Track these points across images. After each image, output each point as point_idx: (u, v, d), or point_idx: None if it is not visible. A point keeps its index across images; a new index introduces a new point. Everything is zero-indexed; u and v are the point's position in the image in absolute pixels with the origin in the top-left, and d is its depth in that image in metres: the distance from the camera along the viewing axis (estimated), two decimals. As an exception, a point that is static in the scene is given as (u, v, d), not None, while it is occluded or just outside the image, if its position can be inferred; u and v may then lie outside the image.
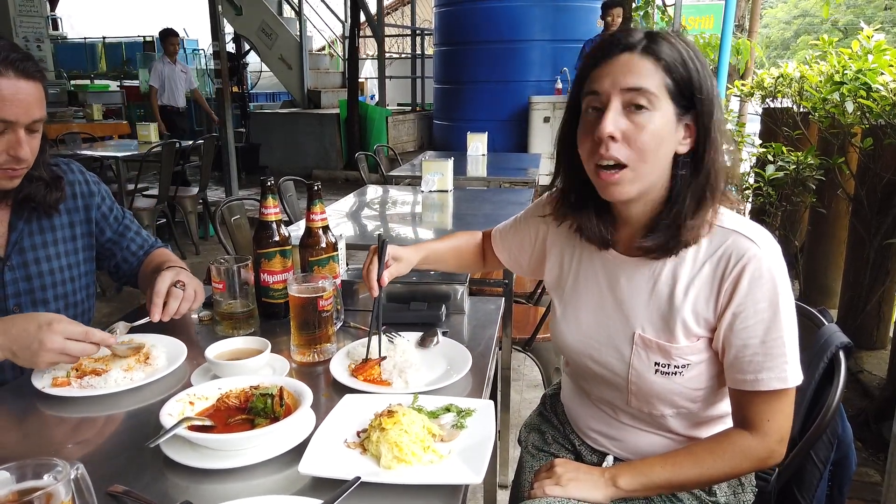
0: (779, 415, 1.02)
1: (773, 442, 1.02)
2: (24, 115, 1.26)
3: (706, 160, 1.00)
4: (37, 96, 1.28)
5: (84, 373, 1.19)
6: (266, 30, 10.00)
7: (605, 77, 0.99)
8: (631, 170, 0.99)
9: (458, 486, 0.89)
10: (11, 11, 8.25)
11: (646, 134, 0.97)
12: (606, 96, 0.98)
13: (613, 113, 0.98)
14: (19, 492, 0.68)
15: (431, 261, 1.40)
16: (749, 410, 1.03)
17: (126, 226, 1.62)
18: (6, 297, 1.39)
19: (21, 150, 1.27)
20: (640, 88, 0.97)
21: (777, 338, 0.99)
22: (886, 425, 2.41)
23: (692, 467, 1.04)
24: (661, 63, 0.97)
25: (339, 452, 0.96)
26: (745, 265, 0.99)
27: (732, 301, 1.00)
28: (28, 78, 1.26)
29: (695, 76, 0.98)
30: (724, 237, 1.02)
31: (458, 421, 1.02)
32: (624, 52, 0.98)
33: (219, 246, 2.63)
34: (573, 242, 1.20)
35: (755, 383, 1.00)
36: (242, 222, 2.76)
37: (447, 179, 3.31)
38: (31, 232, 1.43)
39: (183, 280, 1.38)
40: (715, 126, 1.00)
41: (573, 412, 1.28)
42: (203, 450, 0.95)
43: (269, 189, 1.43)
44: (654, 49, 0.98)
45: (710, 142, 1.00)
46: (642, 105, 0.97)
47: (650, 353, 1.07)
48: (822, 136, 3.30)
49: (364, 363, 1.21)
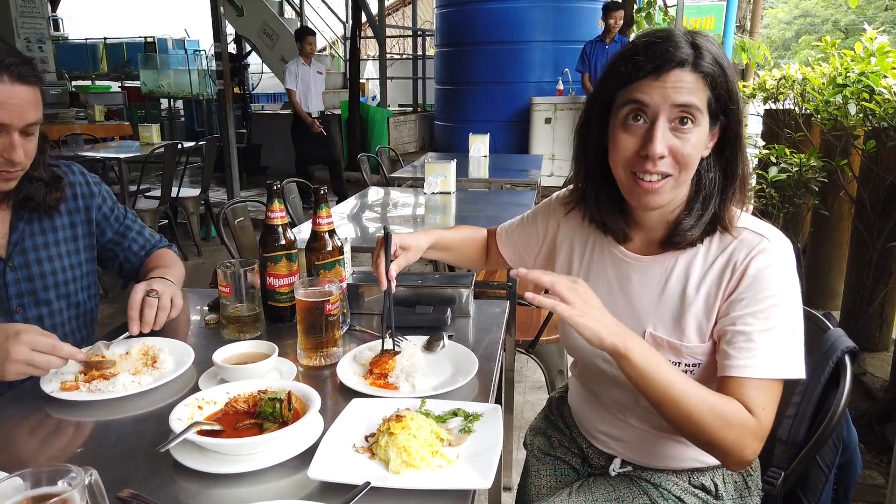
0: (771, 406, 0.98)
1: (762, 432, 0.96)
2: (18, 119, 1.26)
3: (738, 163, 1.04)
4: (32, 100, 1.29)
5: (92, 377, 1.19)
6: (267, 30, 10.00)
7: (654, 90, 0.97)
8: (673, 179, 1.01)
9: (466, 491, 0.89)
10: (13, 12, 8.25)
11: (690, 147, 0.99)
12: (655, 111, 0.98)
13: (663, 130, 0.98)
14: (34, 498, 0.68)
15: (440, 248, 1.40)
16: (743, 397, 0.97)
17: (127, 226, 1.62)
18: (9, 297, 1.40)
19: (15, 154, 1.28)
20: (690, 105, 0.97)
21: (773, 328, 0.98)
22: (890, 427, 2.41)
23: (694, 391, 0.96)
24: (708, 79, 0.98)
25: (347, 457, 0.96)
26: (753, 256, 1.01)
27: (737, 289, 1.01)
28: (23, 82, 1.26)
29: (731, 87, 1.00)
30: (735, 234, 1.04)
31: (466, 425, 1.03)
32: (676, 68, 0.97)
33: (221, 247, 2.63)
34: (583, 242, 1.21)
35: (747, 369, 0.97)
36: (246, 224, 2.76)
37: (450, 181, 3.32)
38: (33, 232, 1.44)
39: (156, 289, 1.37)
40: (742, 129, 1.03)
41: (581, 414, 1.29)
42: (212, 454, 0.95)
43: (275, 193, 1.44)
44: (701, 64, 0.97)
45: (739, 146, 1.03)
46: (687, 120, 0.98)
47: (662, 351, 1.07)
48: (825, 139, 3.30)
49: (379, 357, 1.22)
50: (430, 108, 10.71)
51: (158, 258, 1.62)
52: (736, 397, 0.97)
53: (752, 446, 0.96)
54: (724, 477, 1.16)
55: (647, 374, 0.96)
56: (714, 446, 0.97)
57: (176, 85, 11.71)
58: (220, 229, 2.63)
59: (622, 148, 1.02)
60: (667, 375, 0.96)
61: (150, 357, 1.26)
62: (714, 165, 1.05)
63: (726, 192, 1.04)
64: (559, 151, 7.63)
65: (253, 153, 9.11)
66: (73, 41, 14.62)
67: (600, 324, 0.96)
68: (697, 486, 1.15)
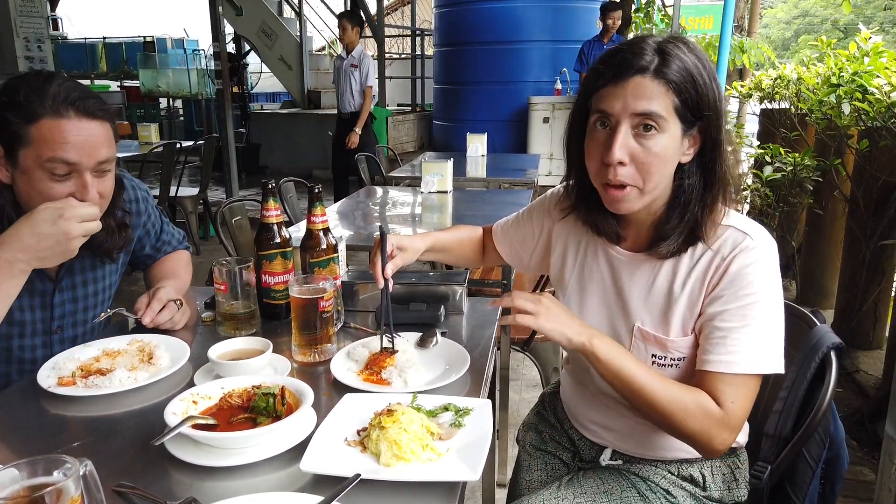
0: (742, 401, 1.00)
1: (731, 424, 1.00)
2: (88, 158, 1.20)
3: (716, 170, 1.02)
4: (102, 136, 1.23)
5: (89, 372, 1.21)
6: (266, 30, 10.01)
7: (615, 99, 0.99)
8: (637, 188, 1.02)
9: (455, 483, 0.91)
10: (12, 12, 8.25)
11: (653, 156, 0.99)
12: (616, 118, 0.99)
13: (622, 137, 0.99)
14: (30, 488, 0.70)
15: (436, 250, 1.42)
16: (714, 391, 1.00)
17: (165, 241, 1.65)
18: (53, 318, 1.39)
19: (88, 195, 1.21)
20: (650, 113, 0.97)
21: (749, 325, 1.00)
22: (881, 424, 2.42)
23: (657, 383, 1.01)
24: (672, 86, 0.98)
25: (339, 450, 0.98)
26: (735, 255, 1.02)
27: (718, 285, 1.03)
28: (91, 117, 1.21)
29: (703, 92, 0.99)
30: (720, 232, 1.05)
31: (457, 420, 1.04)
32: (636, 75, 0.98)
33: (219, 246, 2.64)
34: (578, 238, 1.23)
35: (719, 364, 1.00)
36: (243, 223, 2.77)
37: (447, 180, 3.33)
38: (82, 255, 1.35)
39: (182, 300, 1.46)
40: (722, 135, 1.01)
41: (573, 407, 1.31)
42: (207, 448, 0.97)
43: (270, 191, 1.45)
44: (665, 71, 0.97)
45: (718, 152, 1.02)
46: (651, 127, 0.98)
47: (648, 345, 1.10)
48: (819, 138, 3.32)
49: (378, 355, 1.24)
50: (429, 107, 10.72)
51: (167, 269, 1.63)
52: (708, 391, 1.01)
53: (721, 436, 1.00)
54: (712, 469, 1.18)
55: (611, 366, 1.03)
56: (681, 434, 1.03)
57: (175, 84, 11.72)
58: (218, 228, 2.65)
59: (589, 155, 1.05)
60: (630, 369, 1.02)
61: (147, 353, 1.28)
62: (696, 171, 1.04)
63: (705, 197, 1.03)
64: (557, 151, 7.64)
65: (252, 153, 9.12)
66: (73, 41, 14.63)
67: (566, 326, 1.04)
68: (686, 479, 1.17)
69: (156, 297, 1.41)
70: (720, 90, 1.03)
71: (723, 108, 1.03)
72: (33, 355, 1.38)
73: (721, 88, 1.03)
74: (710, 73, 1.01)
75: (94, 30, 23.99)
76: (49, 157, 1.18)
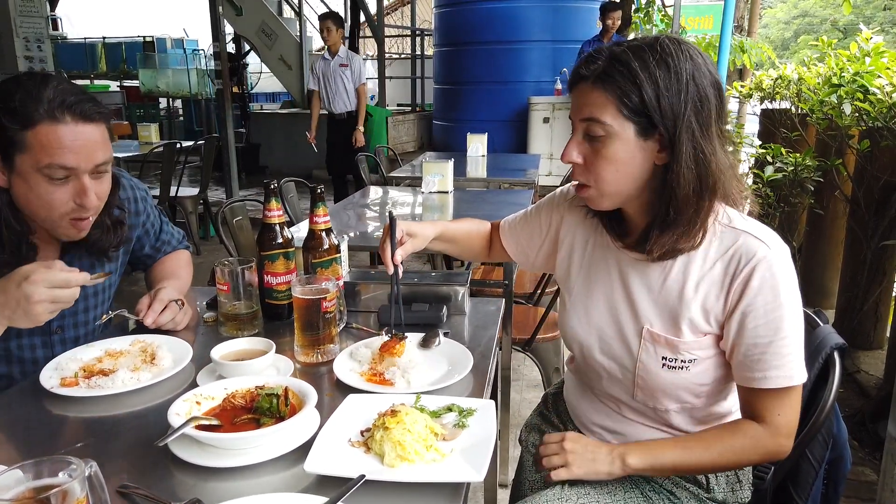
0: (788, 409, 1.04)
1: (782, 436, 1.05)
2: (86, 161, 1.20)
3: (675, 172, 0.99)
4: (99, 139, 1.22)
5: (92, 373, 1.21)
6: (266, 30, 10.00)
7: (572, 105, 1.07)
8: (594, 189, 1.07)
9: (460, 484, 0.91)
10: (12, 12, 8.24)
11: (601, 158, 1.03)
12: (573, 123, 1.05)
13: (574, 140, 1.05)
14: (35, 489, 0.70)
15: (445, 239, 1.43)
16: (759, 406, 1.05)
17: (164, 241, 1.65)
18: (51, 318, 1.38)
19: (87, 199, 1.21)
20: (593, 119, 1.01)
21: (785, 337, 1.01)
22: (882, 425, 2.42)
23: (702, 452, 1.07)
24: (615, 92, 0.98)
25: (343, 451, 0.98)
26: (755, 266, 1.01)
27: (742, 300, 1.02)
28: (87, 120, 1.20)
29: (652, 97, 0.96)
30: (734, 237, 1.04)
31: (460, 420, 1.04)
32: (580, 83, 1.03)
33: (219, 246, 2.65)
34: (586, 236, 1.23)
35: (764, 381, 1.03)
36: (244, 223, 2.77)
37: (447, 180, 3.33)
38: (81, 256, 1.39)
39: (183, 300, 1.47)
40: (686, 137, 0.98)
41: (577, 408, 1.30)
42: (210, 449, 0.97)
43: (272, 192, 1.45)
44: (606, 78, 0.98)
45: (677, 155, 0.98)
46: (596, 131, 1.01)
47: (658, 347, 1.09)
48: (820, 138, 3.31)
49: (388, 342, 1.25)
50: (429, 107, 10.72)
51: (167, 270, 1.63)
52: (753, 405, 1.06)
53: (779, 446, 1.05)
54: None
55: (656, 469, 1.09)
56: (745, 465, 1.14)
57: (175, 84, 11.72)
58: (219, 228, 2.65)
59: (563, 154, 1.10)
60: (673, 459, 1.07)
61: (149, 354, 1.28)
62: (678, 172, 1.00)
63: (691, 199, 1.00)
64: (557, 151, 7.64)
65: (252, 153, 9.13)
66: (72, 41, 14.62)
67: (597, 462, 1.09)
68: (689, 480, 1.17)
69: (157, 298, 1.42)
70: (703, 91, 0.98)
71: (697, 109, 0.98)
72: (33, 355, 1.38)
73: (705, 90, 0.99)
74: (683, 75, 0.97)
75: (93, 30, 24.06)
76: (47, 164, 1.17)
